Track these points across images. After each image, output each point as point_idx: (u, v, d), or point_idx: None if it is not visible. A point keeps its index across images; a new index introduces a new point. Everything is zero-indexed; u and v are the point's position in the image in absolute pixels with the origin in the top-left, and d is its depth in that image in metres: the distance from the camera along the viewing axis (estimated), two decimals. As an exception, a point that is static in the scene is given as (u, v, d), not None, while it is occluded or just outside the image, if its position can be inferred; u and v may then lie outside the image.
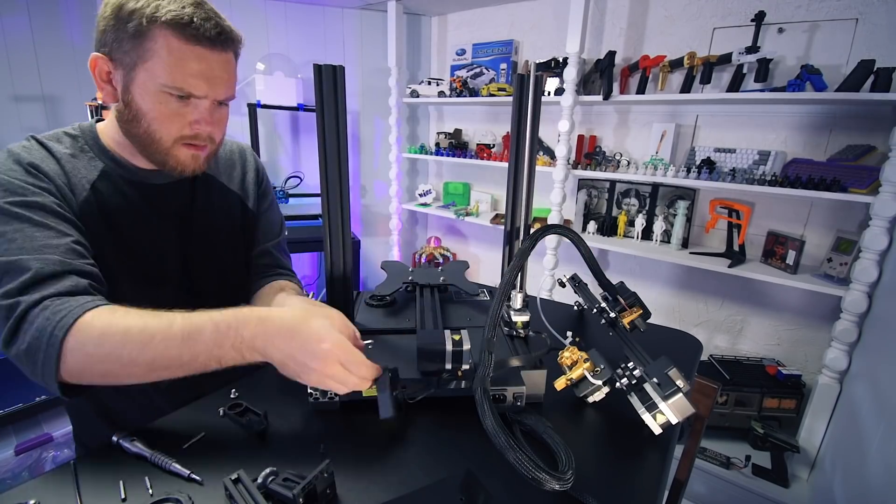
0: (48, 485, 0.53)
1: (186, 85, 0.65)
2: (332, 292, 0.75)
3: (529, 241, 0.69)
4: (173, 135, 0.69)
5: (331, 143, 0.67)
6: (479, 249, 2.88)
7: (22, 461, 1.63)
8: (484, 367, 0.56)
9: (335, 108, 0.66)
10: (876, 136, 1.59)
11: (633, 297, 0.79)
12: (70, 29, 2.04)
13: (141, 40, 0.63)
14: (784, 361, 1.86)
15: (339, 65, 0.66)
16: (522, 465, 0.47)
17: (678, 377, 0.60)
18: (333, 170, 0.69)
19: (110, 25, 0.64)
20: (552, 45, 2.29)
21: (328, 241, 0.71)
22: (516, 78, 0.72)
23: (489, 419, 0.50)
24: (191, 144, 0.71)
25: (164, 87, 0.65)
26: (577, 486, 0.51)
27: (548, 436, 0.59)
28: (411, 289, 0.95)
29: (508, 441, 0.48)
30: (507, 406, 0.65)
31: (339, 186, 0.70)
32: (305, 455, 0.58)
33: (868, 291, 1.47)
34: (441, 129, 2.81)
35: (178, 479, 0.53)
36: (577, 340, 0.76)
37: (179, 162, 0.71)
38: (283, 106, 2.30)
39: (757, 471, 1.66)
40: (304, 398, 0.66)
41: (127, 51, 0.64)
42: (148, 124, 0.68)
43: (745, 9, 1.76)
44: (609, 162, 2.05)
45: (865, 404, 1.39)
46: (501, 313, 0.76)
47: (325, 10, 2.53)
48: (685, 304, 2.13)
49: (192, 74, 0.65)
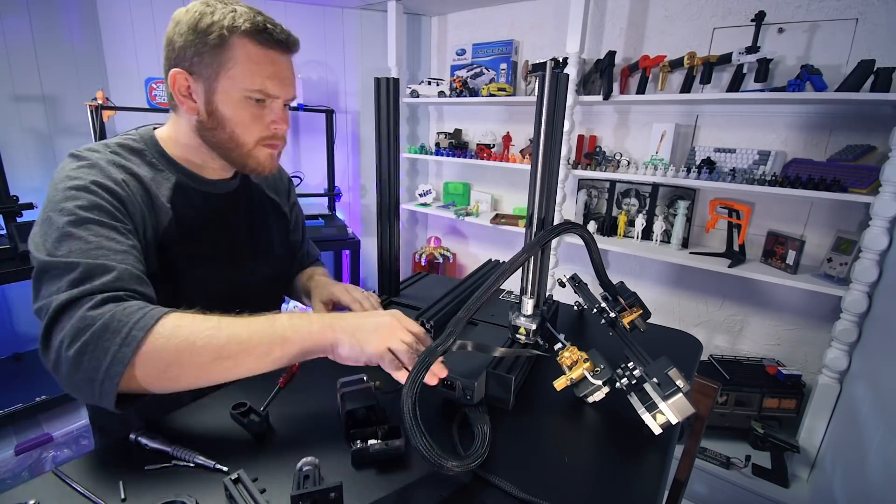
0: (48, 485, 0.53)
1: (265, 87, 0.71)
2: (381, 272, 0.94)
3: (543, 235, 0.68)
4: (255, 137, 0.74)
5: (384, 144, 0.85)
6: (479, 249, 2.88)
7: (22, 461, 1.63)
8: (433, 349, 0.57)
9: (388, 114, 0.83)
10: (876, 136, 1.59)
11: (633, 297, 0.79)
12: (70, 29, 2.04)
13: (222, 50, 0.68)
14: (784, 361, 1.86)
15: (395, 77, 0.86)
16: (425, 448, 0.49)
17: (678, 377, 0.60)
18: (386, 166, 0.87)
19: (189, 41, 0.68)
20: (552, 45, 2.29)
21: (380, 225, 0.92)
22: (538, 77, 0.71)
23: (407, 403, 0.51)
24: (268, 144, 0.76)
25: (246, 91, 0.70)
26: (577, 486, 0.51)
27: (479, 430, 0.61)
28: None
29: (413, 426, 0.50)
30: (456, 396, 0.66)
31: (389, 183, 0.90)
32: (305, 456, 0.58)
33: (868, 291, 1.47)
34: (441, 129, 2.81)
35: (180, 480, 0.53)
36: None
37: (259, 162, 0.76)
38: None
39: (757, 471, 1.66)
40: (306, 402, 0.66)
41: (208, 63, 0.68)
42: (232, 129, 0.72)
43: (745, 9, 1.76)
44: (609, 162, 2.05)
45: (865, 404, 1.39)
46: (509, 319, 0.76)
47: (325, 10, 2.53)
48: (685, 304, 2.13)
49: (268, 77, 0.71)
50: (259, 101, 0.72)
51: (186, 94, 0.71)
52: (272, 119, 0.74)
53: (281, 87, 0.73)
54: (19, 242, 1.60)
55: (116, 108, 1.85)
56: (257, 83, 0.70)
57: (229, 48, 0.68)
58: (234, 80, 0.69)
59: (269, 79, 0.71)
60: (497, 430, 0.64)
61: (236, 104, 0.71)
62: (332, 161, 2.53)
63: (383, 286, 1.00)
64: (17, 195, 1.74)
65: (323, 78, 2.60)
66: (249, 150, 0.75)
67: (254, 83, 0.70)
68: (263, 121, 0.74)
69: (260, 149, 0.76)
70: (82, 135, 2.08)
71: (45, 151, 2.05)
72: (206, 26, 0.67)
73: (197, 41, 0.67)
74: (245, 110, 0.72)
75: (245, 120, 0.72)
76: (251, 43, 0.68)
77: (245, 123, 0.72)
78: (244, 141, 0.74)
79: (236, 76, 0.69)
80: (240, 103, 0.71)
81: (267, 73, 0.70)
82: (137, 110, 1.91)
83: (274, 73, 0.71)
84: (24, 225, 1.65)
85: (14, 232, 1.63)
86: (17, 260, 1.62)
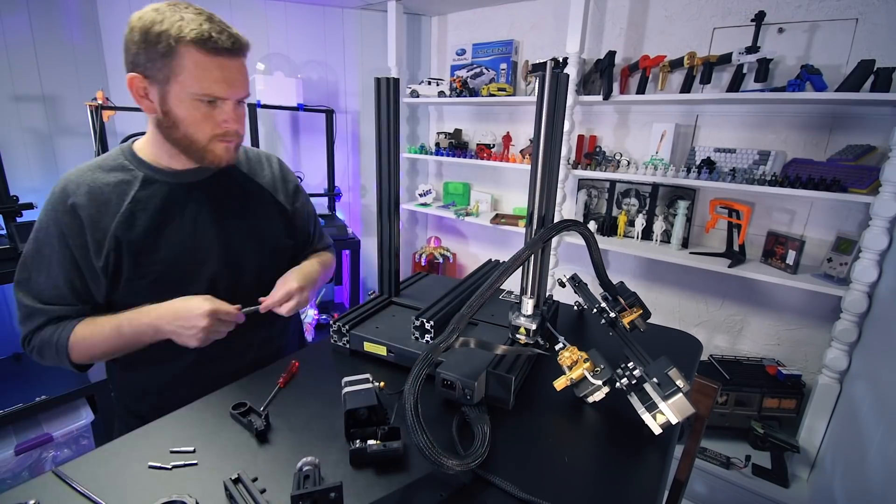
0: (48, 485, 0.53)
1: (213, 91, 0.76)
2: (381, 272, 0.97)
3: (545, 233, 0.68)
4: (208, 134, 0.80)
5: (384, 144, 0.87)
6: (479, 249, 2.88)
7: (22, 461, 1.63)
8: (437, 345, 0.57)
9: (388, 114, 0.85)
10: (876, 136, 1.59)
11: (633, 297, 0.79)
12: (70, 29, 2.04)
13: (170, 58, 0.73)
14: (784, 361, 1.86)
15: (395, 77, 0.84)
16: (425, 446, 0.50)
17: (678, 377, 0.60)
18: (385, 165, 0.89)
19: (141, 48, 0.73)
20: (552, 45, 2.29)
21: (380, 223, 0.94)
22: (540, 77, 0.71)
23: (409, 401, 0.51)
24: (222, 140, 0.82)
25: (195, 95, 0.76)
26: (577, 486, 0.51)
27: (479, 429, 0.61)
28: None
29: (414, 424, 0.50)
30: (456, 395, 0.66)
31: (389, 183, 0.91)
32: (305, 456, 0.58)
33: (868, 291, 1.47)
34: (441, 129, 2.81)
35: (180, 479, 0.53)
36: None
37: (216, 156, 0.83)
38: (283, 106, 2.30)
39: (757, 471, 1.66)
40: (306, 402, 0.66)
41: (160, 68, 0.74)
42: (185, 128, 0.79)
43: (745, 9, 1.76)
44: (609, 162, 2.05)
45: (865, 404, 1.39)
46: (509, 319, 0.76)
47: (325, 10, 2.53)
48: (685, 304, 2.13)
49: (216, 81, 0.76)
50: (210, 102, 0.77)
51: (143, 94, 0.77)
52: (223, 118, 0.80)
53: (229, 89, 0.78)
54: (19, 242, 1.59)
55: (116, 108, 1.85)
56: (205, 87, 0.75)
57: (177, 56, 0.72)
58: (183, 84, 0.74)
59: (217, 83, 0.76)
60: (497, 429, 0.64)
61: (188, 106, 0.76)
62: (332, 161, 2.53)
63: (383, 286, 1.00)
64: (17, 195, 1.74)
65: (323, 78, 2.60)
66: (204, 145, 0.81)
67: (202, 88, 0.75)
68: (215, 119, 0.79)
69: (215, 143, 0.82)
70: (82, 135, 2.08)
71: (45, 151, 2.05)
72: (154, 35, 0.72)
73: (148, 48, 0.73)
74: (197, 111, 0.77)
75: (197, 119, 0.78)
76: (198, 51, 0.73)
77: (197, 123, 0.78)
78: (198, 138, 0.80)
79: (185, 81, 0.74)
80: (191, 105, 0.76)
81: (214, 78, 0.75)
82: (137, 110, 1.88)
83: (221, 77, 0.76)
84: (24, 225, 1.65)
85: (14, 232, 1.62)
86: (17, 260, 1.61)
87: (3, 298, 2.01)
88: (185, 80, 0.74)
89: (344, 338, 0.84)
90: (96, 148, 1.78)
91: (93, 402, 1.84)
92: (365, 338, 0.82)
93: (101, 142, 1.81)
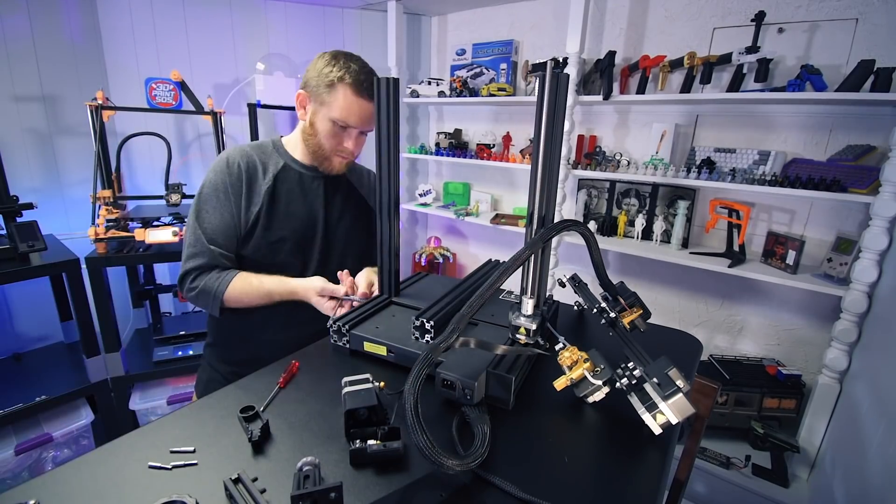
0: (48, 485, 0.53)
1: (347, 120, 1.05)
2: (381, 272, 1.00)
3: (545, 232, 0.68)
4: (333, 148, 1.10)
5: (384, 144, 0.90)
6: (479, 249, 2.88)
7: (22, 461, 1.63)
8: (437, 345, 0.57)
9: (388, 114, 0.88)
10: (876, 136, 1.59)
11: (633, 297, 0.79)
12: (70, 29, 2.04)
13: (330, 91, 1.04)
14: (784, 361, 1.86)
15: (395, 77, 0.97)
16: (424, 445, 0.50)
17: (678, 377, 0.60)
18: (385, 165, 0.92)
19: (314, 78, 1.05)
20: (552, 45, 2.29)
21: (380, 223, 0.96)
22: (539, 77, 0.71)
23: (409, 401, 0.51)
24: (339, 155, 1.12)
25: (335, 119, 1.05)
26: (577, 486, 0.51)
27: (479, 429, 0.60)
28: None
29: (414, 423, 0.50)
30: (456, 395, 0.66)
31: (389, 183, 0.92)
32: (305, 456, 0.58)
33: (868, 291, 1.47)
34: (441, 129, 2.81)
35: (180, 479, 0.53)
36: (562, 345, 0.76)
37: (332, 165, 1.13)
38: (283, 106, 2.30)
39: (757, 471, 1.67)
40: (306, 402, 0.66)
41: (320, 94, 1.05)
42: (320, 139, 1.08)
43: (745, 9, 1.76)
44: (609, 162, 2.05)
45: (865, 404, 1.39)
46: (509, 319, 0.76)
47: (325, 10, 2.53)
48: (685, 304, 2.13)
49: (353, 114, 1.05)
50: (343, 127, 1.07)
51: (302, 107, 1.09)
52: (347, 142, 1.09)
53: (358, 122, 1.06)
54: (19, 242, 1.58)
55: (116, 108, 1.85)
56: (343, 116, 1.04)
57: (335, 91, 1.03)
58: (330, 109, 1.05)
59: (352, 115, 1.05)
60: (497, 429, 0.64)
61: (327, 124, 1.06)
62: (332, 161, 2.53)
63: (383, 286, 1.01)
64: (17, 195, 1.73)
65: (323, 78, 2.60)
66: (328, 155, 1.10)
67: (342, 117, 1.04)
68: (341, 140, 1.09)
69: (335, 156, 1.11)
70: (82, 135, 2.08)
71: (44, 151, 2.05)
72: (326, 73, 1.03)
73: (318, 79, 1.04)
74: (331, 130, 1.07)
75: (329, 136, 1.07)
76: (350, 92, 1.03)
77: (328, 138, 1.08)
78: (325, 149, 1.09)
79: (332, 109, 1.04)
80: (329, 125, 1.06)
81: (353, 112, 1.04)
82: (137, 110, 1.90)
83: (357, 112, 1.05)
84: (24, 225, 1.63)
85: (14, 232, 1.61)
86: (17, 260, 1.60)
87: (3, 298, 2.01)
88: (332, 108, 1.04)
89: (344, 338, 0.84)
90: (96, 148, 1.77)
91: (93, 402, 1.84)
92: (365, 338, 0.82)
93: (101, 142, 1.81)
